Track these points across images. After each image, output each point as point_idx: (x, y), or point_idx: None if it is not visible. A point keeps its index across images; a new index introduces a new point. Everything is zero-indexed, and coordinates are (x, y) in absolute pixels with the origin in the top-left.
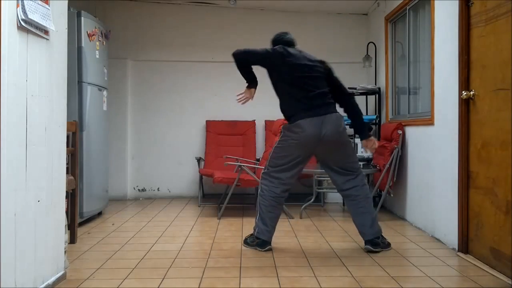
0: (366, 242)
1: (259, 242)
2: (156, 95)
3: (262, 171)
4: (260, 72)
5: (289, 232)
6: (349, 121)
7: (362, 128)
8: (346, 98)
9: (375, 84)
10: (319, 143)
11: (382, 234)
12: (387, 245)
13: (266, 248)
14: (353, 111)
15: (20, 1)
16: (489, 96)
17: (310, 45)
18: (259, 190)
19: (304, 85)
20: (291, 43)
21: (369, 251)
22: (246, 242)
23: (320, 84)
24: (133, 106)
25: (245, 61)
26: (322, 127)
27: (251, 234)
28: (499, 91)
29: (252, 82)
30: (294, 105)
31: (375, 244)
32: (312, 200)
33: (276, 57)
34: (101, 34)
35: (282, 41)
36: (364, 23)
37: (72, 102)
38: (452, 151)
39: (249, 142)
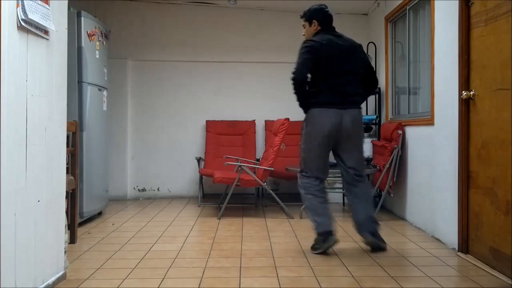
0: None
1: (323, 238)
2: (156, 95)
3: (299, 172)
4: (259, 72)
5: (289, 232)
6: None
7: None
8: (372, 88)
9: None
10: (339, 133)
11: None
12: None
13: (333, 242)
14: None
15: (20, 1)
16: (489, 96)
17: None
18: (301, 189)
19: (334, 78)
20: (330, 20)
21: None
22: (314, 248)
23: (352, 77)
24: (133, 106)
25: (303, 75)
26: (343, 119)
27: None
28: (499, 91)
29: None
30: (320, 94)
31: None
32: None
33: (315, 52)
34: (101, 34)
35: (322, 14)
36: (364, 23)
37: (72, 102)
38: (452, 151)
39: (249, 142)
